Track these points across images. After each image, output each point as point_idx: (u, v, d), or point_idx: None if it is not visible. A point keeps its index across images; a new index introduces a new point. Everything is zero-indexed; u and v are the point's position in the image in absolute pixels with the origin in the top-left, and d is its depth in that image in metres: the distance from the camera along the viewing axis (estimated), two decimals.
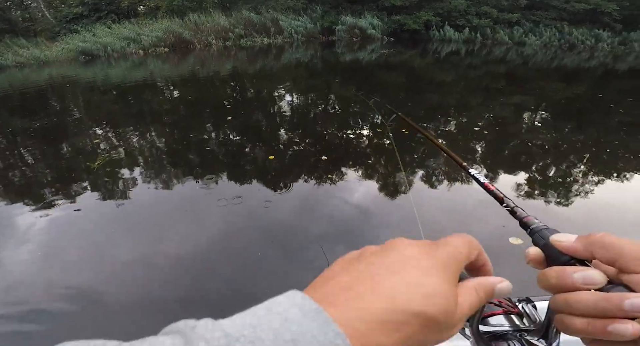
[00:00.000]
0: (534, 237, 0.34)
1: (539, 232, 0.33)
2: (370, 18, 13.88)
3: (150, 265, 2.09)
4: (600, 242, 0.26)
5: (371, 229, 2.41)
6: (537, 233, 0.34)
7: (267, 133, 4.48)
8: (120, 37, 12.62)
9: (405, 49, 12.21)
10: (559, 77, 8.29)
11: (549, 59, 10.85)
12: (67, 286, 1.95)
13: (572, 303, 0.25)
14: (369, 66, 9.40)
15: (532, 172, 3.26)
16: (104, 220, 2.62)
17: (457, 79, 8.05)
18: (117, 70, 10.29)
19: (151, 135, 4.52)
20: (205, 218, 2.56)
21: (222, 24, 13.14)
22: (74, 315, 1.77)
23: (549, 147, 3.86)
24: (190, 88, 7.31)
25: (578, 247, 0.27)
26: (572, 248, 0.27)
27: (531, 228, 0.35)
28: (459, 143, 3.91)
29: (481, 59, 10.67)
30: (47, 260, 2.18)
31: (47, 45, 12.92)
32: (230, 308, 0.86)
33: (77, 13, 14.37)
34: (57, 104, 6.77)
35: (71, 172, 3.51)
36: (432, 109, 5.40)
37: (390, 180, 3.13)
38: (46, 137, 4.70)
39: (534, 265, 0.31)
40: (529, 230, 0.36)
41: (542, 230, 0.33)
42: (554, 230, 0.32)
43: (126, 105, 6.46)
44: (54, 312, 1.78)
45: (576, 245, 0.27)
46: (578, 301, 0.25)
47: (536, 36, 13.48)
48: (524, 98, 5.93)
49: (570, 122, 4.83)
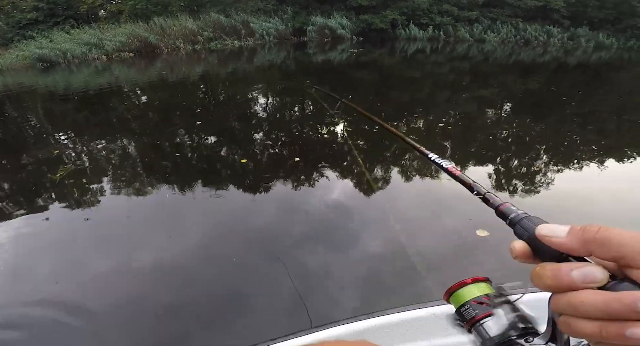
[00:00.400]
0: (515, 228, 0.30)
1: (520, 223, 0.30)
2: (339, 18, 14.13)
3: (118, 273, 2.09)
4: (599, 239, 0.23)
5: (337, 228, 2.53)
6: (518, 224, 0.30)
7: (237, 135, 4.52)
8: (81, 42, 12.07)
9: (374, 48, 12.55)
10: (517, 71, 8.88)
11: (507, 55, 11.55)
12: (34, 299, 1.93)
13: (577, 306, 0.22)
14: (340, 66, 9.60)
15: (499, 163, 3.51)
16: (66, 232, 2.58)
17: (424, 76, 8.42)
18: (79, 76, 9.86)
19: (117, 143, 4.41)
20: (174, 225, 2.59)
21: (189, 27, 12.90)
22: (41, 327, 1.75)
23: (512, 139, 4.17)
24: (159, 94, 7.16)
25: (573, 244, 0.24)
26: (566, 246, 0.24)
27: (510, 218, 0.32)
28: (429, 138, 4.14)
29: (445, 56, 11.19)
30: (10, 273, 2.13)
31: (0, 52, 12.12)
32: (208, 313, 0.99)
33: (31, 18, 13.57)
34: (15, 113, 6.42)
35: (31, 185, 3.38)
36: (402, 105, 5.64)
37: (350, 173, 3.27)
38: (2, 148, 4.48)
39: (522, 260, 0.28)
40: (508, 221, 0.32)
41: (523, 220, 0.30)
42: (538, 218, 0.29)
43: (90, 112, 6.24)
44: (20, 325, 1.76)
45: (570, 243, 0.24)
46: (584, 303, 0.22)
47: (494, 33, 14.29)
48: (487, 93, 6.33)
49: (529, 114, 5.21)
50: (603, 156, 3.59)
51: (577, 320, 0.23)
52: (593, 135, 4.32)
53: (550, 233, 0.25)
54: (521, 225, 0.30)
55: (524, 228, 0.29)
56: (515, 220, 0.31)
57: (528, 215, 0.30)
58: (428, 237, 2.31)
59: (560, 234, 0.25)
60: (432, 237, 2.31)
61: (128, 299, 1.89)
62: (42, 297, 1.92)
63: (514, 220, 0.31)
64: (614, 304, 0.21)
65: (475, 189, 0.40)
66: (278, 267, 2.00)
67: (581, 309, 0.22)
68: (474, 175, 2.76)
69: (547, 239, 0.25)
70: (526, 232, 0.28)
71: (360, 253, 2.16)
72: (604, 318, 0.21)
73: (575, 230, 0.24)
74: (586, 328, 0.22)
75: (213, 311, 1.78)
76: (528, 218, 0.30)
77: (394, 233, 2.34)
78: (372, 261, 2.09)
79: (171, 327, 1.71)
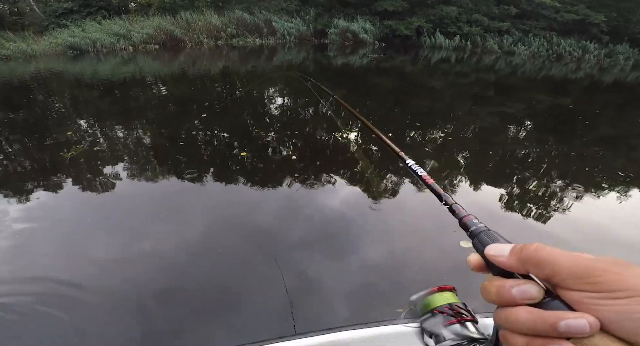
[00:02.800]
0: (473, 241, 0.33)
1: (478, 237, 0.32)
2: (362, 22, 14.14)
3: (116, 257, 2.17)
4: (534, 257, 0.25)
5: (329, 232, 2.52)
6: (476, 238, 0.32)
7: (240, 130, 4.58)
8: (110, 33, 12.62)
9: (396, 54, 12.47)
10: (545, 87, 8.60)
11: (537, 69, 11.21)
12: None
13: (511, 322, 0.25)
14: (360, 70, 9.59)
15: (509, 183, 3.38)
16: (71, 208, 2.72)
17: (446, 86, 8.29)
18: (106, 65, 10.29)
19: (131, 130, 4.60)
20: (176, 211, 2.65)
21: (214, 23, 13.25)
22: (40, 305, 1.83)
23: (530, 159, 4.00)
24: (179, 86, 7.37)
25: (512, 263, 0.27)
26: (507, 265, 0.27)
27: (470, 230, 0.34)
28: (442, 149, 4.06)
29: (470, 67, 10.98)
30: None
31: (35, 39, 12.83)
32: (201, 300, 1.00)
33: (66, 8, 14.32)
34: (42, 97, 6.76)
35: (43, 161, 3.60)
36: (419, 115, 5.57)
37: (351, 177, 3.25)
38: (26, 129, 4.73)
39: (477, 271, 0.31)
40: (469, 233, 0.34)
41: (481, 235, 0.32)
42: (495, 234, 0.32)
43: (112, 100, 6.50)
44: (19, 304, 1.84)
45: (510, 262, 0.27)
46: (516, 320, 0.25)
47: (525, 46, 13.91)
48: (510, 108, 6.15)
49: (552, 134, 5.01)
50: (628, 185, 3.41)
51: (511, 334, 0.26)
52: (621, 161, 4.12)
53: (496, 253, 0.28)
54: (478, 238, 0.32)
55: (480, 242, 0.31)
56: (474, 233, 0.33)
57: (486, 230, 0.33)
58: (410, 246, 2.27)
59: (504, 254, 0.27)
60: (415, 246, 2.28)
61: (116, 280, 1.95)
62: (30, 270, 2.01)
63: (474, 233, 0.33)
64: (539, 323, 0.24)
65: (444, 199, 0.43)
66: (269, 263, 2.01)
67: (514, 325, 0.25)
68: (481, 193, 2.64)
69: (493, 258, 0.28)
70: (481, 247, 0.31)
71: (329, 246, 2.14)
72: (532, 334, 0.24)
73: (515, 250, 0.27)
74: (517, 342, 0.25)
75: (198, 300, 1.81)
76: (486, 233, 0.32)
77: (377, 235, 2.31)
78: (348, 266, 2.07)
79: (159, 313, 1.74)
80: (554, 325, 0.23)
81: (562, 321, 0.23)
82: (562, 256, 0.24)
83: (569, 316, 0.23)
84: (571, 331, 0.23)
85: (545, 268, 0.25)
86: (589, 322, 0.22)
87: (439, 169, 3.53)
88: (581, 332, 0.22)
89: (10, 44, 12.14)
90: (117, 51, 12.24)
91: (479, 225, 0.34)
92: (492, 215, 2.72)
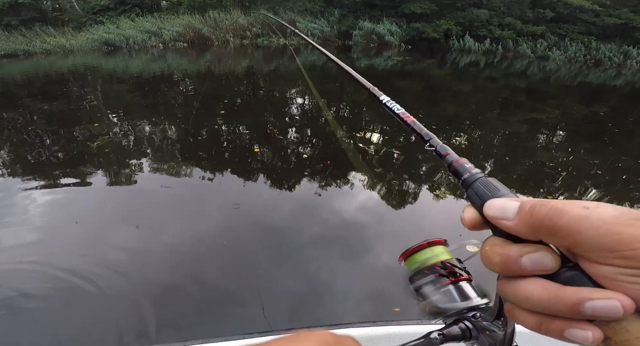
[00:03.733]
0: (467, 191, 0.27)
1: (473, 186, 0.26)
2: (388, 24, 14.05)
3: (130, 244, 2.29)
4: (550, 225, 0.20)
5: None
6: (470, 188, 0.27)
7: (258, 129, 4.69)
8: (143, 30, 13.21)
9: (422, 57, 12.32)
10: (581, 94, 8.24)
11: (573, 75, 10.75)
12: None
13: (521, 298, 0.21)
14: (384, 73, 9.55)
15: (538, 193, 3.28)
16: (92, 195, 2.95)
17: (473, 90, 8.11)
18: (137, 62, 10.79)
19: (154, 124, 4.85)
20: (185, 206, 2.76)
21: (240, 22, 13.59)
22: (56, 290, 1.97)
23: (559, 169, 3.86)
24: (204, 83, 7.62)
25: (521, 229, 0.21)
26: (514, 231, 0.22)
27: (463, 178, 0.28)
28: (467, 155, 3.98)
29: (500, 72, 10.67)
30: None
31: (73, 34, 13.63)
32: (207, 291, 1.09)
33: (103, 5, 15.10)
34: (76, 90, 7.18)
35: (72, 150, 3.91)
36: (444, 119, 5.49)
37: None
38: (60, 119, 5.07)
39: (474, 230, 0.25)
40: (461, 181, 0.28)
41: (476, 184, 0.26)
42: (492, 182, 0.26)
43: (140, 95, 6.81)
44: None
45: (518, 227, 0.22)
46: (528, 297, 0.21)
47: (561, 50, 13.35)
48: (541, 115, 5.95)
49: (585, 144, 4.79)
50: None
51: (520, 310, 0.22)
52: None
53: (499, 214, 0.23)
54: (473, 189, 0.26)
55: (476, 194, 0.26)
56: (468, 182, 0.27)
57: (484, 177, 0.27)
58: None
59: (508, 215, 0.22)
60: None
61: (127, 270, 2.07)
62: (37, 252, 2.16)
63: (467, 181, 0.27)
64: (557, 303, 0.20)
65: (428, 139, 0.36)
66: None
67: (525, 303, 0.21)
68: None
69: (494, 221, 0.23)
70: (478, 200, 0.25)
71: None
72: (546, 313, 0.21)
73: (523, 211, 0.21)
74: (527, 321, 0.22)
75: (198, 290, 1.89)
76: (483, 181, 0.26)
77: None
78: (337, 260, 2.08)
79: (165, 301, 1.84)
80: (576, 306, 0.19)
81: (588, 303, 0.19)
82: (586, 222, 0.19)
83: (595, 296, 0.19)
84: (598, 313, 0.19)
85: (565, 238, 0.20)
86: (623, 304, 0.18)
87: None
88: (612, 316, 0.18)
89: (51, 39, 12.96)
90: (148, 48, 12.80)
91: (473, 171, 0.28)
92: None
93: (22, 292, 1.86)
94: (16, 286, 1.90)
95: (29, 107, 5.68)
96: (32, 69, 9.89)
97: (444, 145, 0.34)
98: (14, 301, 1.80)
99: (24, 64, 10.84)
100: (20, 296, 1.83)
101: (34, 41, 12.60)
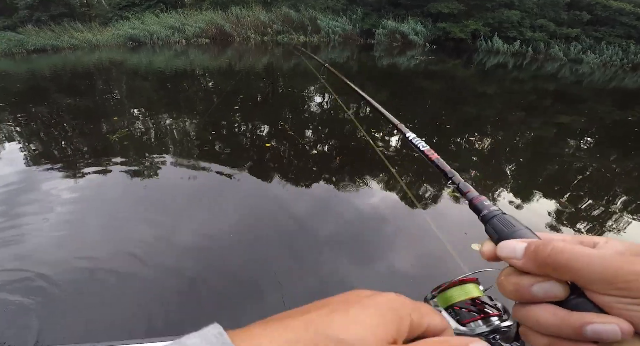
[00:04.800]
0: (486, 226, 0.30)
1: (491, 223, 0.29)
2: (413, 23, 13.91)
3: (133, 230, 2.37)
4: (552, 262, 0.23)
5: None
6: (488, 224, 0.30)
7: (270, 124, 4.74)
8: (166, 26, 13.62)
9: (448, 57, 12.12)
10: (615, 99, 7.90)
11: (607, 79, 10.32)
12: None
13: (531, 322, 0.24)
14: (407, 72, 9.46)
15: (562, 201, 3.18)
16: (109, 185, 3.08)
17: (499, 92, 7.92)
18: (161, 57, 11.12)
19: (173, 118, 4.99)
20: (196, 197, 2.83)
21: (261, 19, 13.79)
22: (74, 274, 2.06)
23: (585, 176, 3.74)
24: (225, 80, 7.78)
25: (529, 267, 0.24)
26: (525, 269, 0.25)
27: (482, 214, 0.31)
28: (489, 160, 3.91)
29: (529, 74, 10.37)
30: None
31: (100, 30, 14.19)
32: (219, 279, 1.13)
33: (129, 1, 15.65)
34: (101, 85, 7.48)
35: (93, 141, 4.10)
36: (466, 121, 5.40)
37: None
38: (84, 112, 5.29)
39: (492, 261, 0.28)
40: (480, 217, 0.32)
41: (493, 220, 0.29)
42: (508, 219, 0.29)
43: (162, 90, 7.02)
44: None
45: (527, 266, 0.25)
46: (539, 321, 0.24)
47: (596, 54, 12.84)
48: (568, 119, 5.75)
49: (614, 150, 4.61)
50: None
51: (533, 332, 0.25)
52: None
53: (509, 254, 0.26)
54: (491, 225, 0.29)
55: (494, 229, 0.29)
56: (486, 218, 0.30)
57: (501, 214, 0.30)
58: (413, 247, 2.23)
59: (517, 255, 0.25)
60: (420, 247, 2.25)
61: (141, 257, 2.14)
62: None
63: (486, 217, 0.31)
64: (563, 326, 0.23)
65: (451, 177, 0.40)
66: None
67: (536, 326, 0.24)
68: (526, 208, 2.49)
69: (506, 260, 0.26)
70: (495, 235, 0.29)
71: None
72: (556, 336, 0.23)
73: (529, 252, 0.25)
74: (538, 342, 0.25)
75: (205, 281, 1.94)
76: (500, 218, 0.29)
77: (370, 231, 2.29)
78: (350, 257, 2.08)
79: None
80: (579, 329, 0.22)
81: (589, 326, 0.21)
82: (586, 258, 0.22)
83: (596, 320, 0.22)
84: (599, 336, 0.21)
85: (566, 274, 0.23)
86: (621, 327, 0.21)
87: (483, 178, 3.41)
88: (612, 338, 0.21)
89: (79, 34, 13.55)
90: (171, 44, 13.17)
91: (492, 209, 0.31)
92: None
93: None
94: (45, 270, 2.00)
95: (56, 101, 5.96)
96: (60, 64, 10.36)
97: (466, 183, 0.37)
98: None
99: (52, 58, 11.37)
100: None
101: (62, 36, 13.20)
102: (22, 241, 2.29)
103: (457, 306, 0.37)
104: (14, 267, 2.04)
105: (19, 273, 1.99)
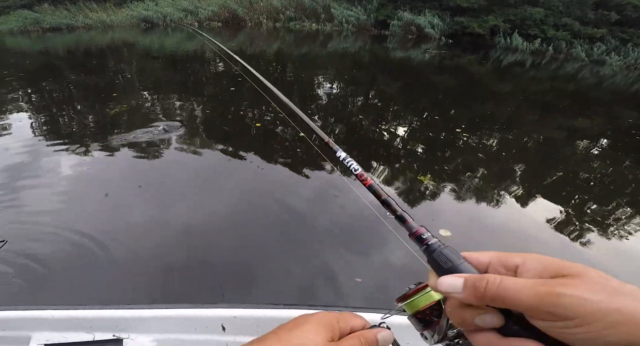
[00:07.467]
0: (428, 259, 0.32)
1: (431, 258, 0.32)
2: (430, 16, 13.77)
3: (122, 202, 2.51)
4: (489, 295, 0.26)
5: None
6: (431, 257, 0.32)
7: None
8: (180, 8, 13.78)
9: (463, 52, 12.00)
10: (636, 102, 7.75)
11: (629, 82, 10.11)
12: None
13: (475, 344, 0.29)
14: (420, 66, 9.44)
15: (570, 207, 3.09)
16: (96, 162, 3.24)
17: (514, 91, 7.86)
18: (172, 39, 11.30)
19: (179, 100, 5.15)
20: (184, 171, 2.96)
21: (274, 4, 13.83)
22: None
23: (597, 182, 3.69)
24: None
25: (470, 300, 0.27)
26: (467, 302, 0.28)
27: (422, 248, 0.33)
28: (497, 159, 3.90)
29: (548, 73, 10.23)
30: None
31: (114, 10, 14.44)
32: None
33: None
34: (113, 64, 7.68)
35: (95, 115, 4.38)
36: (477, 119, 5.38)
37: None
38: (93, 90, 5.48)
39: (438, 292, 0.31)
40: (422, 249, 0.33)
41: (433, 256, 0.31)
42: (448, 252, 0.31)
43: (171, 71, 7.18)
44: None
45: (468, 299, 0.27)
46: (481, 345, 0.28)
47: (620, 56, 12.54)
48: (585, 122, 5.69)
49: (630, 156, 4.51)
50: None
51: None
52: None
53: (450, 289, 0.28)
54: (432, 259, 0.31)
55: (436, 264, 0.31)
56: (428, 251, 0.32)
57: (439, 248, 0.32)
58: None
59: (457, 290, 0.28)
60: None
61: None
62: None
63: (427, 250, 0.32)
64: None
65: (389, 205, 0.38)
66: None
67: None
68: (532, 212, 2.81)
69: (447, 295, 0.29)
70: (439, 270, 0.30)
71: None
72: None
73: (468, 286, 0.27)
74: None
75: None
76: (437, 253, 0.31)
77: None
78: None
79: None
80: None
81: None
82: (519, 288, 0.25)
83: (521, 345, 0.26)
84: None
85: (502, 304, 0.26)
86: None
87: (489, 178, 3.42)
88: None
89: (93, 14, 13.82)
90: (183, 26, 13.33)
91: (433, 242, 0.32)
92: (542, 239, 2.62)
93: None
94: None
95: (68, 79, 6.17)
96: (74, 43, 10.63)
97: (404, 211, 0.37)
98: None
99: (67, 37, 11.66)
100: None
101: (77, 16, 13.48)
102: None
103: (420, 314, 0.37)
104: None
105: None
